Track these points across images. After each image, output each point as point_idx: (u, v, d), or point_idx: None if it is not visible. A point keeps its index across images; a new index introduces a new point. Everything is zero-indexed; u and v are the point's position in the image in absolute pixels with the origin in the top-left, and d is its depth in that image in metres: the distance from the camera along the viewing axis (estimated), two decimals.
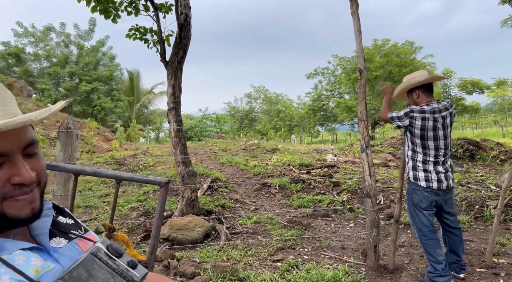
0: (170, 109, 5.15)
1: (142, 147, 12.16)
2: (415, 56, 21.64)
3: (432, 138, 3.25)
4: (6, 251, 0.72)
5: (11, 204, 0.73)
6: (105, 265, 0.77)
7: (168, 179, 1.25)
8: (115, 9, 5.19)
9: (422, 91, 3.40)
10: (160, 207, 1.15)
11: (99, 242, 0.82)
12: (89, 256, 0.76)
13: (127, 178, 1.27)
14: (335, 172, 8.56)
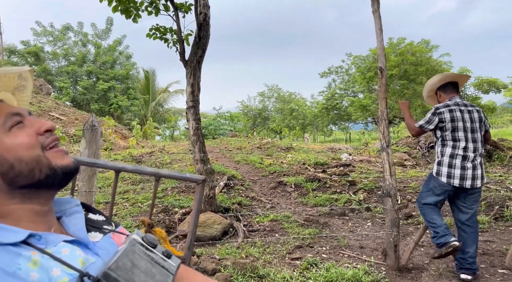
0: (189, 107, 5.22)
1: (158, 145, 12.31)
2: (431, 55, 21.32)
3: (462, 128, 3.28)
4: (51, 244, 0.74)
5: (53, 154, 0.77)
6: (144, 255, 0.79)
7: (204, 177, 1.29)
8: (136, 9, 5.27)
9: (442, 91, 3.60)
10: (197, 203, 1.19)
11: (134, 234, 0.84)
12: (129, 247, 0.79)
13: (166, 175, 1.32)
14: (351, 171, 8.53)
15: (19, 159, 0.74)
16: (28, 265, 0.67)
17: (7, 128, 0.75)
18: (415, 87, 20.46)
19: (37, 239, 0.73)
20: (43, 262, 0.69)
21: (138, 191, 6.66)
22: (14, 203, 0.76)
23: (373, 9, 3.69)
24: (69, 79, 24.84)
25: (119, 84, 25.94)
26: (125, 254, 0.76)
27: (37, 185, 0.76)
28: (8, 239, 0.69)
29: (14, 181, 0.74)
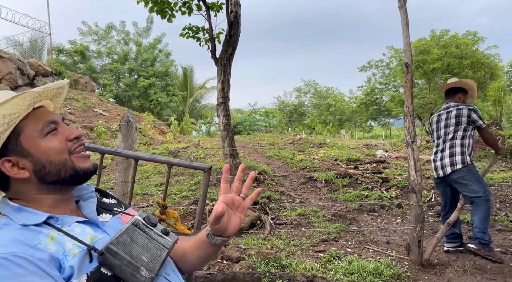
0: (219, 103, 5.40)
1: (194, 140, 12.69)
2: (477, 47, 20.29)
3: (435, 129, 4.07)
4: (66, 224, 0.90)
5: (77, 158, 0.95)
6: (143, 232, 0.95)
7: (210, 165, 1.43)
8: (171, 9, 5.52)
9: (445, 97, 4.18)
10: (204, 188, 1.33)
11: (137, 215, 1.01)
12: (131, 226, 0.95)
13: (176, 163, 1.48)
14: (385, 167, 8.42)
15: (50, 161, 0.90)
16: (47, 240, 0.83)
17: (44, 133, 0.91)
18: None
19: (55, 221, 0.89)
20: (58, 238, 0.84)
21: (173, 183, 6.96)
22: (40, 194, 0.92)
23: (400, 5, 3.67)
24: (112, 76, 26.00)
25: (158, 81, 26.82)
26: (126, 231, 0.92)
27: (62, 182, 0.93)
28: (32, 221, 0.85)
29: (43, 178, 0.91)
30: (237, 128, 23.42)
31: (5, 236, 0.81)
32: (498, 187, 6.34)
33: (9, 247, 0.77)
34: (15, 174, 0.89)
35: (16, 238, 0.80)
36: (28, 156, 0.89)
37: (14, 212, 0.88)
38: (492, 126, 11.59)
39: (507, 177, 6.86)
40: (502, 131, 10.74)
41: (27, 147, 0.89)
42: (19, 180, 0.90)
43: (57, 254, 0.82)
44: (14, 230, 0.83)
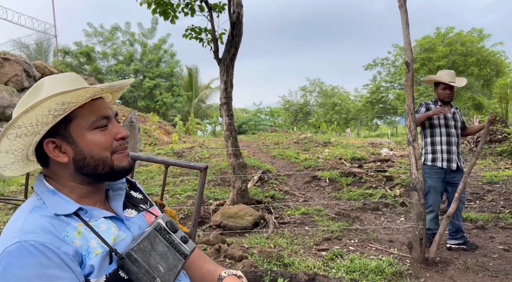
0: (222, 104, 5.44)
1: (199, 140, 12.75)
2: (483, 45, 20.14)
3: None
4: (93, 218, 0.92)
5: (118, 157, 0.97)
6: (164, 239, 0.98)
7: (206, 165, 1.47)
8: (173, 10, 5.56)
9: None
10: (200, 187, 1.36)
11: (160, 218, 1.04)
12: (153, 231, 0.98)
13: (173, 163, 1.52)
14: (389, 166, 8.41)
15: (91, 155, 0.92)
16: (74, 233, 0.85)
17: (93, 127, 0.92)
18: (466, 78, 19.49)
19: (84, 213, 0.91)
20: (85, 233, 0.87)
21: (177, 183, 7.02)
22: (74, 181, 0.95)
23: (400, 4, 3.68)
24: (118, 77, 26.16)
25: (164, 81, 26.92)
26: (148, 237, 0.95)
27: (96, 176, 0.95)
28: (63, 211, 0.87)
29: (81, 168, 0.93)
30: (242, 127, 23.46)
31: (37, 221, 0.83)
32: (503, 185, 6.31)
33: (39, 235, 0.79)
34: (55, 156, 0.91)
35: (46, 227, 0.82)
36: (73, 143, 0.91)
37: (49, 194, 0.90)
38: (497, 123, 11.51)
39: (511, 175, 6.82)
40: (508, 129, 10.67)
41: (74, 135, 0.91)
42: (58, 162, 0.92)
43: (81, 249, 0.84)
44: (46, 217, 0.85)
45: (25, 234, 0.79)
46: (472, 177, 7.14)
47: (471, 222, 4.89)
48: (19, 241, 0.78)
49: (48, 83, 0.91)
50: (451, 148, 3.92)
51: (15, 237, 0.79)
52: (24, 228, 0.80)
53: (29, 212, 0.86)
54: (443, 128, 3.96)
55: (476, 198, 5.96)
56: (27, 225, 0.81)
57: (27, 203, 0.91)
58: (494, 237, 4.29)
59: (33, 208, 0.87)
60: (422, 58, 19.30)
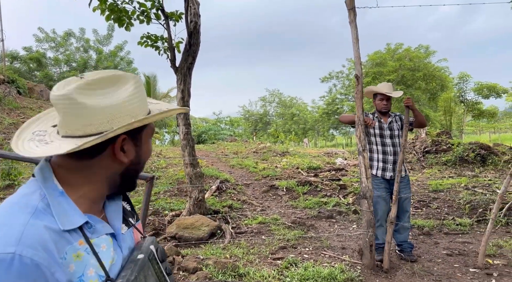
0: (180, 113, 5.38)
1: (156, 150, 12.47)
2: (430, 60, 21.47)
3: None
4: (95, 234, 0.82)
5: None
6: (154, 272, 0.90)
7: (153, 175, 1.45)
8: (128, 17, 5.46)
9: None
10: (146, 197, 1.34)
11: (151, 243, 0.95)
12: (147, 261, 0.89)
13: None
14: (343, 175, 8.67)
15: (144, 161, 0.91)
16: (72, 256, 0.75)
17: (150, 136, 0.92)
18: (413, 92, 20.63)
19: (88, 227, 0.81)
20: (84, 258, 0.77)
21: (131, 194, 6.82)
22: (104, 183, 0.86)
23: (350, 20, 3.86)
24: None
25: None
26: (142, 269, 0.86)
27: (125, 181, 0.90)
28: (70, 225, 0.76)
29: (128, 171, 0.88)
30: (202, 137, 23.27)
31: (39, 234, 0.71)
32: (447, 193, 6.70)
33: (38, 253, 0.68)
34: (118, 153, 0.84)
35: (48, 245, 0.71)
36: (138, 146, 0.88)
37: (55, 195, 0.78)
38: (442, 135, 12.24)
39: (455, 183, 7.27)
40: (452, 140, 11.38)
41: (143, 140, 0.90)
42: (110, 160, 0.84)
43: (74, 276, 0.74)
44: (50, 230, 0.73)
45: (24, 247, 0.67)
46: (419, 185, 7.53)
47: (418, 228, 5.14)
48: (15, 253, 0.66)
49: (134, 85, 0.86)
50: (386, 157, 4.05)
51: (11, 245, 0.66)
52: (23, 239, 0.68)
53: (31, 216, 0.72)
54: (378, 138, 4.11)
55: (422, 206, 6.28)
56: (28, 236, 0.69)
57: (28, 198, 0.77)
58: (439, 243, 4.54)
59: (36, 212, 0.74)
60: (373, 72, 20.24)
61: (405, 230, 4.04)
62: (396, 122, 4.16)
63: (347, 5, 3.88)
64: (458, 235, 4.85)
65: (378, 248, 3.96)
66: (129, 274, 0.81)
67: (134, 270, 0.83)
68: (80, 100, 0.77)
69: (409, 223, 4.10)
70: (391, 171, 4.01)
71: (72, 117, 0.78)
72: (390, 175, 4.01)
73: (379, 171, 4.05)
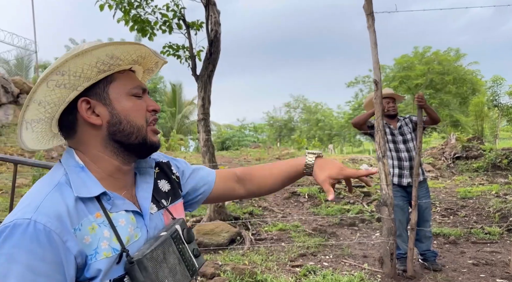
0: (200, 120, 5.47)
1: (180, 156, 12.68)
2: (461, 64, 20.82)
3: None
4: (114, 208, 0.84)
5: (150, 131, 0.91)
6: (177, 250, 0.89)
7: None
8: (151, 28, 5.62)
9: None
10: None
11: (178, 223, 0.93)
12: (169, 238, 0.88)
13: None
14: None
15: (128, 120, 0.87)
16: (88, 228, 0.78)
17: (130, 94, 0.89)
18: (443, 97, 20.06)
19: (107, 199, 0.83)
20: (98, 231, 0.79)
21: None
22: (104, 152, 0.87)
23: (368, 25, 3.82)
24: None
25: None
26: (162, 245, 0.85)
27: (127, 146, 0.88)
28: (87, 193, 0.80)
29: (114, 133, 0.86)
30: (226, 143, 23.47)
31: (55, 205, 0.76)
32: (476, 200, 6.46)
33: (51, 221, 0.73)
34: (88, 117, 0.85)
35: (62, 215, 0.75)
36: (109, 105, 0.86)
37: (76, 170, 0.84)
38: (473, 140, 11.82)
39: (485, 190, 6.99)
40: (483, 145, 10.97)
41: (112, 97, 0.87)
42: (88, 127, 0.86)
43: (88, 249, 0.77)
44: (66, 201, 0.78)
45: (39, 214, 0.73)
46: (447, 192, 7.29)
47: (444, 237, 4.97)
48: (30, 219, 0.72)
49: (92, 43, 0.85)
50: (402, 163, 3.93)
51: (29, 213, 0.73)
52: (40, 208, 0.74)
53: (52, 188, 0.79)
54: (391, 144, 3.98)
55: (450, 214, 6.08)
56: (45, 205, 0.75)
57: (53, 175, 0.84)
58: (465, 252, 4.37)
59: (57, 185, 0.80)
60: (401, 76, 19.84)
61: (427, 239, 3.91)
62: (406, 125, 4.02)
63: (365, 11, 3.85)
64: (486, 244, 4.66)
65: (401, 257, 3.86)
66: (146, 248, 0.82)
67: (152, 245, 0.83)
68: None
69: (430, 232, 3.97)
70: (408, 177, 3.89)
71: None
72: (408, 181, 3.89)
73: (395, 178, 3.95)
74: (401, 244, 3.86)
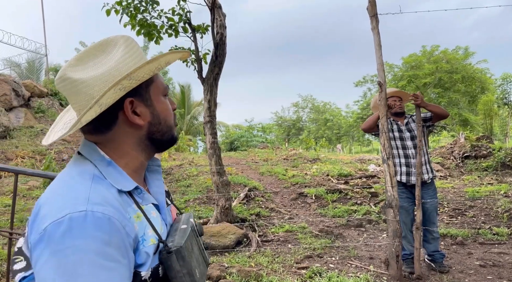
0: (206, 122, 5.51)
1: (188, 158, 12.77)
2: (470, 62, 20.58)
3: None
4: (145, 201, 0.85)
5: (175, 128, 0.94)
6: (196, 242, 0.92)
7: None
8: (157, 32, 5.68)
9: None
10: None
11: (191, 217, 0.97)
12: (191, 231, 0.90)
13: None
14: (375, 182, 8.48)
15: (165, 119, 0.89)
16: (134, 216, 0.78)
17: (164, 93, 0.90)
18: (452, 95, 19.85)
19: (138, 193, 0.84)
20: (142, 220, 0.80)
21: None
22: (136, 150, 0.87)
23: (372, 27, 3.82)
24: None
25: None
26: (189, 236, 0.87)
27: (159, 143, 0.90)
28: (123, 187, 0.80)
29: (152, 133, 0.87)
30: (234, 144, 23.53)
31: (103, 193, 0.75)
32: (484, 200, 6.40)
33: (108, 208, 0.71)
34: (133, 117, 0.83)
35: (114, 202, 0.74)
36: (151, 106, 0.86)
37: (103, 164, 0.82)
38: (482, 139, 11.70)
39: (493, 190, 6.92)
40: (492, 144, 10.85)
41: (153, 98, 0.87)
42: (127, 126, 0.84)
43: (139, 235, 0.77)
44: (111, 191, 0.77)
45: (93, 205, 0.70)
46: (455, 192, 7.23)
47: (451, 238, 4.95)
48: (86, 211, 0.69)
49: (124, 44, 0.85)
50: (409, 160, 3.90)
51: (82, 205, 0.70)
52: (91, 198, 0.72)
53: (91, 181, 0.76)
54: (398, 141, 3.97)
55: (457, 214, 6.04)
56: (94, 195, 0.73)
57: (83, 168, 0.80)
58: (472, 253, 4.35)
59: (94, 178, 0.77)
60: (409, 75, 19.69)
61: (435, 240, 3.90)
62: (414, 122, 3.99)
63: (369, 12, 3.86)
64: (494, 245, 4.62)
65: (406, 259, 3.86)
66: (179, 239, 0.83)
67: (183, 236, 0.84)
68: (75, 77, 0.80)
69: (438, 233, 3.96)
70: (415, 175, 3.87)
71: (74, 96, 0.82)
72: (415, 179, 3.87)
73: (403, 176, 3.93)
74: (406, 245, 3.86)
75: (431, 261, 3.94)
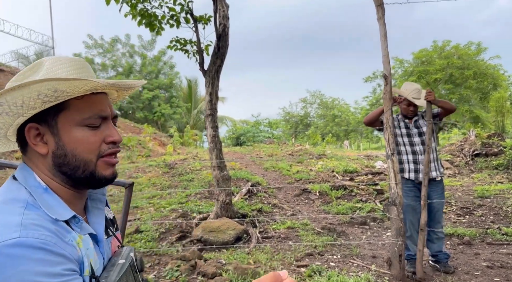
0: (207, 115, 5.40)
1: (193, 152, 12.69)
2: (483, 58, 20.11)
3: None
4: (83, 231, 0.80)
5: (102, 163, 0.83)
6: (135, 278, 0.89)
7: (132, 181, 1.40)
8: (159, 22, 5.57)
9: None
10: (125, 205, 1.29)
11: (131, 252, 0.93)
12: (128, 267, 0.86)
13: None
14: (381, 179, 8.31)
15: (74, 153, 0.80)
16: (75, 242, 0.75)
17: (83, 124, 0.80)
18: (463, 92, 19.44)
19: (76, 222, 0.79)
20: (83, 246, 0.77)
21: (164, 196, 6.94)
22: (56, 181, 0.82)
23: (378, 17, 3.66)
24: None
25: (163, 93, 27.03)
26: (125, 273, 0.83)
27: (74, 179, 0.82)
28: (60, 216, 0.75)
29: (59, 165, 0.80)
30: (240, 139, 23.42)
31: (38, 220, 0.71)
32: (494, 199, 6.20)
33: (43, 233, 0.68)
34: (34, 144, 0.79)
35: (50, 228, 0.71)
36: (56, 135, 0.79)
37: (39, 192, 0.78)
38: (493, 137, 11.43)
39: (504, 189, 6.72)
40: (504, 142, 10.58)
41: (60, 127, 0.79)
42: (34, 151, 0.81)
43: (81, 259, 0.74)
44: (46, 219, 0.73)
45: (28, 230, 0.67)
46: (463, 191, 7.04)
47: (458, 237, 4.78)
48: (20, 237, 0.65)
49: (49, 64, 0.80)
50: (417, 157, 3.75)
51: (14, 232, 0.66)
52: (24, 224, 0.68)
53: (24, 209, 0.72)
54: (405, 138, 3.83)
55: (465, 213, 5.85)
56: (28, 221, 0.69)
57: (16, 194, 0.76)
58: (479, 254, 4.18)
59: (27, 206, 0.74)
60: (419, 71, 19.33)
61: (439, 240, 3.75)
62: (422, 119, 3.84)
63: (374, 2, 3.69)
64: (502, 245, 4.45)
65: (410, 259, 3.72)
66: (112, 276, 0.80)
67: (118, 272, 0.81)
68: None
69: (443, 233, 3.81)
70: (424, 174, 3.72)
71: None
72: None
73: (411, 173, 3.77)
74: (411, 245, 3.72)
75: (435, 262, 3.79)
